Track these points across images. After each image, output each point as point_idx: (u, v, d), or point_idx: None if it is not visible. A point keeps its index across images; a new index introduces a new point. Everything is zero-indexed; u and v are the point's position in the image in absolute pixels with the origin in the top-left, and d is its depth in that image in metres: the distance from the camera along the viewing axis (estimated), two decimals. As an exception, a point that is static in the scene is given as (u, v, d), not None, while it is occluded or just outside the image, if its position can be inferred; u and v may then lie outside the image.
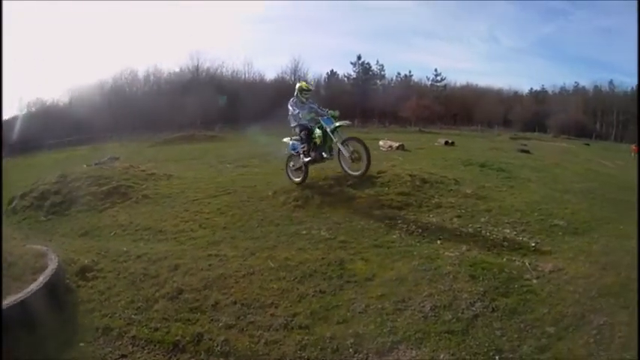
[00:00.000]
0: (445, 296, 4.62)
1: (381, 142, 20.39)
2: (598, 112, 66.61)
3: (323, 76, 66.67)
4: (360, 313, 4.30)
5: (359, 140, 7.68)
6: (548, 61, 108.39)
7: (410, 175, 8.94)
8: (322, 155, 8.05)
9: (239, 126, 42.61)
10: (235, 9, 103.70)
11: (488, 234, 6.58)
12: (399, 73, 71.48)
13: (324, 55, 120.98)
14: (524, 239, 6.50)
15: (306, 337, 3.87)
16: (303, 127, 8.19)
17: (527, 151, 22.82)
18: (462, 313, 4.35)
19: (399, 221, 7.00)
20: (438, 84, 70.16)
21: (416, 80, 71.14)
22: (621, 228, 7.81)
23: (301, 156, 8.28)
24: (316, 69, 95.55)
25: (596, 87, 70.69)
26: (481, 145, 26.11)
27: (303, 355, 3.70)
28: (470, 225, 6.93)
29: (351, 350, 3.75)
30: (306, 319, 4.16)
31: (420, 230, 6.61)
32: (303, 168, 8.40)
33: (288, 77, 60.12)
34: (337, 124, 7.84)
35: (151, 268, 5.22)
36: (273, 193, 8.43)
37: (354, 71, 66.98)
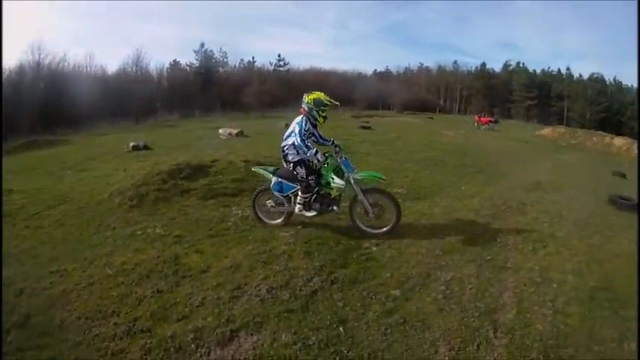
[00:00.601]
0: (281, 276, 4.91)
1: (220, 130, 21.56)
2: (442, 88, 76.44)
3: (165, 66, 65.85)
4: (197, 306, 4.48)
5: (384, 192, 6.56)
6: (394, 45, 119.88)
7: (244, 162, 9.55)
8: (332, 209, 6.48)
9: (82, 126, 39.48)
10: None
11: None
12: (242, 60, 72.78)
13: (170, 45, 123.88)
14: (363, 210, 7.02)
15: (149, 341, 3.95)
16: (310, 170, 6.33)
17: (368, 127, 25.05)
18: (300, 290, 4.65)
19: (234, 208, 7.35)
20: (281, 68, 72.17)
21: (259, 66, 73.05)
22: (463, 189, 8.87)
23: (297, 208, 6.44)
24: (159, 59, 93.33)
25: (440, 67, 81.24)
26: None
27: (149, 359, 3.75)
28: (305, 203, 7.29)
29: (192, 346, 3.87)
30: (147, 322, 4.25)
31: (255, 214, 6.88)
32: (286, 205, 6.66)
33: (129, 69, 59.32)
34: (365, 173, 6.56)
35: (-1, 298, 5.09)
36: (109, 196, 8.38)
37: (197, 59, 65.82)
